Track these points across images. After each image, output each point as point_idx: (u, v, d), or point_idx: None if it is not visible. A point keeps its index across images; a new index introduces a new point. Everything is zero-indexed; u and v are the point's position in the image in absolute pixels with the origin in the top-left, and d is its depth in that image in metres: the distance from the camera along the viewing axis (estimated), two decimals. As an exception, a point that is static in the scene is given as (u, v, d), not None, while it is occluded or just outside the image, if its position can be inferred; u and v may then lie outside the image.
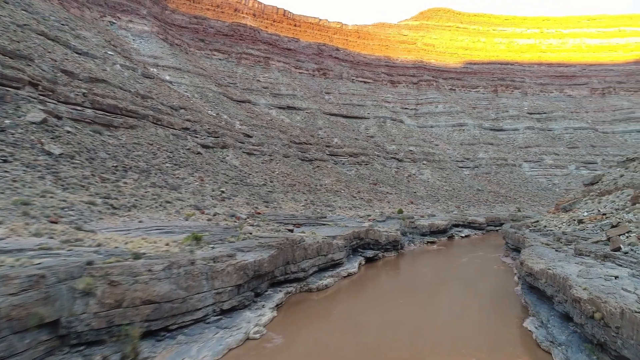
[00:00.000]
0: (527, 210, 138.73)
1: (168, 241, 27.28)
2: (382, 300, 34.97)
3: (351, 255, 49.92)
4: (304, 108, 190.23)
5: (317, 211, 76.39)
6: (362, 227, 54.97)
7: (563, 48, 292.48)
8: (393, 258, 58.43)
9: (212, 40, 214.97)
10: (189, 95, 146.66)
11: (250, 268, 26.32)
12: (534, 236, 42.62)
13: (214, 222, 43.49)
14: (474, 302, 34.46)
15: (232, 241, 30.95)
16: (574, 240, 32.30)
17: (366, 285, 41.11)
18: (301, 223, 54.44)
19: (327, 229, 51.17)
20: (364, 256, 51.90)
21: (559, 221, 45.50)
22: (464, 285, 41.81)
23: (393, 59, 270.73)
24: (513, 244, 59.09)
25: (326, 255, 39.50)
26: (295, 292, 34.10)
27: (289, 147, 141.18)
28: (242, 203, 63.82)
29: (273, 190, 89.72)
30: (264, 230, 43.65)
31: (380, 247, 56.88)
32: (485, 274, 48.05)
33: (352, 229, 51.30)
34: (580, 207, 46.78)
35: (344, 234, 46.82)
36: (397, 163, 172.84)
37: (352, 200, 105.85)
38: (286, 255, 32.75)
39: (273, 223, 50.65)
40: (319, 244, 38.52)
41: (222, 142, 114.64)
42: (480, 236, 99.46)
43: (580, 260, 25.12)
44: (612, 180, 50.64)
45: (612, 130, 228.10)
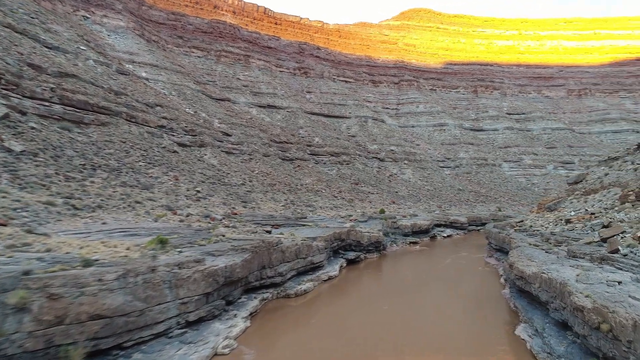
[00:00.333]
0: (507, 210, 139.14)
1: (130, 245, 24.67)
2: (364, 305, 32.98)
3: (332, 257, 47.83)
4: (284, 107, 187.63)
5: (298, 211, 74.12)
6: (344, 228, 52.96)
7: (541, 50, 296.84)
8: (375, 259, 56.58)
9: (190, 37, 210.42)
10: (166, 93, 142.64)
11: (221, 274, 23.91)
12: (520, 236, 41.27)
13: (186, 223, 40.84)
14: (461, 307, 32.75)
15: (203, 244, 28.48)
16: (564, 241, 30.91)
17: (348, 289, 39.08)
18: (280, 224, 52.12)
19: (307, 230, 48.96)
20: (346, 258, 49.86)
21: (545, 221, 44.34)
22: (449, 288, 40.16)
23: (374, 59, 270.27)
24: (497, 244, 57.91)
25: (305, 258, 37.30)
26: (272, 299, 31.77)
27: (269, 146, 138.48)
28: (218, 203, 61.10)
29: (252, 190, 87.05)
30: (240, 231, 41.21)
31: (362, 249, 54.97)
32: (470, 275, 46.56)
33: (333, 230, 49.22)
34: (566, 207, 45.75)
35: (325, 235, 44.69)
36: (379, 163, 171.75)
37: (334, 200, 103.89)
38: (262, 258, 30.43)
39: (250, 224, 48.19)
40: (298, 246, 36.28)
41: (200, 140, 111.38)
42: (462, 236, 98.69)
43: (575, 263, 23.52)
44: (597, 178, 49.88)
45: (589, 131, 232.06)
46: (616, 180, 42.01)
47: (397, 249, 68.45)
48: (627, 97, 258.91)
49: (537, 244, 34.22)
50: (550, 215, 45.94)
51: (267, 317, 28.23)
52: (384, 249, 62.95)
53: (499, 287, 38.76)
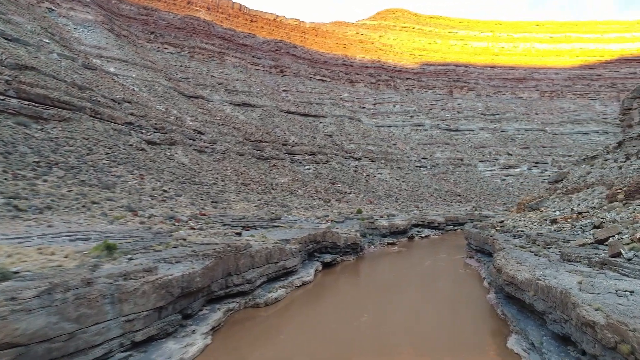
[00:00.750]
0: (483, 210, 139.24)
1: (70, 252, 21.22)
2: (340, 314, 30.25)
3: (307, 260, 44.95)
4: (260, 105, 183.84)
5: (272, 212, 70.98)
6: (319, 229, 50.16)
7: (514, 52, 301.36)
8: (353, 262, 54.00)
9: (163, 33, 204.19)
10: (136, 89, 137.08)
11: (176, 285, 20.73)
12: (503, 237, 39.38)
13: (147, 225, 37.31)
14: (445, 314, 30.40)
15: (159, 250, 25.21)
16: (554, 243, 28.96)
17: (323, 295, 36.28)
18: (251, 225, 48.95)
19: (280, 232, 45.96)
20: (321, 261, 47.05)
21: (528, 221, 42.68)
22: (431, 293, 37.87)
23: (351, 58, 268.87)
24: (477, 245, 56.18)
25: (277, 263, 34.31)
26: (239, 309, 28.65)
27: (243, 144, 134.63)
28: (186, 203, 57.46)
29: (224, 190, 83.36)
30: (207, 234, 37.93)
31: (339, 251, 52.30)
32: (452, 278, 44.46)
33: (308, 232, 46.36)
34: (549, 206, 44.24)
35: (299, 237, 41.79)
36: (356, 162, 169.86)
37: (310, 200, 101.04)
38: (227, 265, 27.31)
39: (219, 226, 44.88)
40: (269, 250, 33.26)
41: (171, 138, 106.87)
42: (440, 236, 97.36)
43: (571, 267, 21.35)
44: (579, 177, 48.65)
45: (561, 132, 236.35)
46: (600, 179, 40.68)
47: (375, 251, 66.12)
48: (596, 99, 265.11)
49: (523, 245, 32.22)
50: (532, 215, 44.33)
51: (232, 330, 25.15)
52: (362, 251, 60.48)
53: (483, 291, 36.65)
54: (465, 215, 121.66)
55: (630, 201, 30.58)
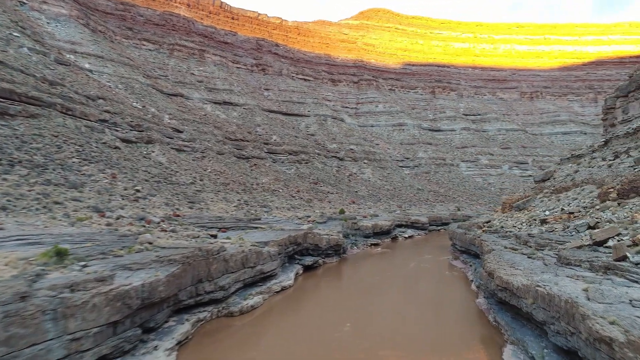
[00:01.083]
0: (466, 210, 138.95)
1: (14, 259, 18.54)
2: (322, 321, 28.12)
3: (287, 263, 42.67)
4: (241, 104, 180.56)
5: (251, 212, 68.45)
6: (300, 231, 47.93)
7: (495, 53, 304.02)
8: (335, 264, 51.92)
9: (141, 29, 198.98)
10: (112, 86, 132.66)
11: (135, 295, 18.27)
12: (492, 239, 37.82)
13: (113, 227, 34.55)
14: (433, 321, 28.54)
15: (120, 255, 22.66)
16: (547, 245, 27.40)
17: (304, 301, 34.06)
18: (228, 227, 46.42)
19: (258, 234, 43.58)
20: (302, 264, 44.81)
21: (516, 221, 41.29)
22: (417, 297, 36.01)
23: (334, 57, 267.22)
24: (462, 246, 54.75)
25: (254, 267, 31.94)
26: (211, 319, 26.22)
27: (223, 143, 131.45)
28: (160, 204, 54.57)
29: (202, 190, 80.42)
30: (178, 236, 35.34)
31: (321, 253, 50.14)
32: (438, 280, 42.76)
33: (289, 233, 44.09)
34: (537, 206, 42.97)
35: (278, 239, 39.48)
36: (338, 162, 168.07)
37: (291, 200, 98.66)
38: (198, 270, 24.88)
39: (193, 227, 42.27)
40: (245, 253, 30.87)
41: (147, 136, 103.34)
42: (424, 236, 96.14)
43: (572, 272, 19.62)
44: (566, 176, 47.62)
45: (540, 132, 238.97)
46: (589, 178, 39.54)
47: (357, 252, 64.21)
48: (574, 100, 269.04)
49: (514, 247, 30.60)
50: (520, 215, 43.00)
51: (201, 344, 22.75)
52: (344, 253, 58.48)
53: (471, 294, 34.97)
54: (448, 215, 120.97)
55: (624, 200, 29.28)
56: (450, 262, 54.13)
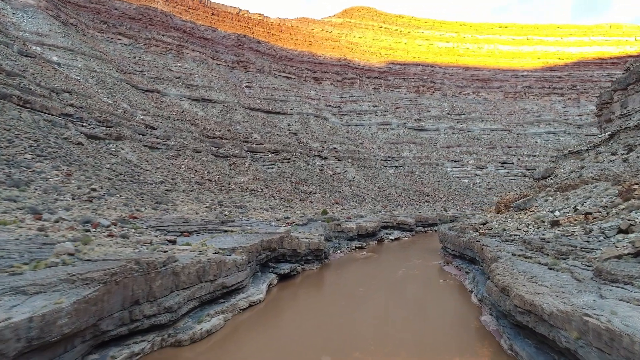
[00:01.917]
0: (452, 210, 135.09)
1: None
2: (297, 345, 22.65)
3: (259, 272, 37.00)
4: (221, 101, 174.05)
5: (225, 213, 62.53)
6: (276, 234, 42.29)
7: (478, 53, 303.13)
8: (315, 271, 46.43)
9: (116, 23, 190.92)
10: (81, 80, 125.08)
11: (13, 336, 12.50)
12: (494, 243, 32.88)
13: (45, 232, 28.43)
14: (431, 341, 23.30)
15: (19, 272, 16.81)
16: (570, 253, 22.48)
17: (276, 319, 28.45)
18: (193, 230, 40.55)
19: (227, 238, 37.83)
20: (277, 273, 39.16)
21: (519, 223, 36.50)
22: (409, 311, 30.75)
23: (317, 56, 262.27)
24: (455, 249, 49.88)
25: (214, 281, 26.23)
26: (152, 350, 20.44)
27: (200, 141, 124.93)
28: (118, 204, 48.36)
29: (173, 189, 74.11)
30: (127, 243, 29.45)
31: (300, 259, 44.62)
32: (432, 291, 37.63)
33: (262, 237, 38.43)
34: (540, 205, 38.35)
35: (248, 244, 33.80)
36: (322, 161, 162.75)
37: (270, 201, 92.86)
38: (132, 290, 19.15)
39: (150, 231, 36.31)
40: (202, 264, 25.15)
41: (117, 132, 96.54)
42: (411, 238, 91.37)
43: (626, 294, 14.54)
44: (570, 173, 43.18)
45: (525, 132, 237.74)
46: (601, 174, 35.09)
47: (341, 256, 58.87)
48: (558, 100, 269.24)
49: (525, 254, 25.62)
50: (523, 216, 38.28)
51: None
52: (326, 258, 53.05)
53: (473, 309, 29.87)
54: (435, 215, 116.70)
55: (656, 198, 24.71)
56: (442, 267, 49.17)
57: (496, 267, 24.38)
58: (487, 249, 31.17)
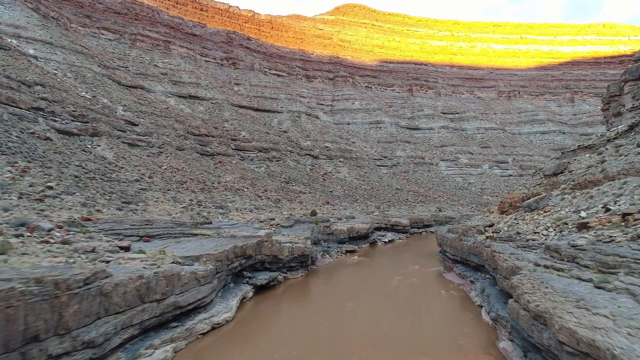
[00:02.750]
0: (447, 210, 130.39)
1: None
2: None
3: (231, 284, 31.46)
4: (208, 98, 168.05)
5: (203, 215, 56.94)
6: (254, 238, 36.79)
7: (472, 51, 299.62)
8: (300, 280, 41.00)
9: (100, 17, 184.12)
10: (58, 74, 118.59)
11: None
12: (508, 249, 27.75)
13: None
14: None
15: None
16: (620, 265, 17.24)
17: (244, 344, 22.97)
18: (155, 234, 34.92)
19: (194, 244, 32.28)
20: (253, 284, 33.63)
21: (535, 225, 31.36)
22: (410, 334, 25.40)
23: (308, 53, 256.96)
24: (456, 254, 44.69)
25: (163, 300, 20.72)
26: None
27: (185, 138, 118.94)
28: (75, 204, 42.60)
29: (149, 188, 68.30)
30: (64, 250, 23.92)
31: (282, 266, 39.18)
32: (434, 305, 32.33)
33: (235, 242, 32.93)
34: (557, 205, 33.36)
35: (217, 251, 28.29)
36: (312, 160, 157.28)
37: (256, 201, 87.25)
38: (24, 323, 13.69)
39: (102, 236, 30.69)
40: (146, 279, 19.65)
41: (93, 128, 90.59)
42: (405, 240, 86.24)
43: None
44: (588, 168, 38.29)
45: (519, 132, 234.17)
46: (629, 168, 30.18)
47: (330, 262, 53.48)
48: (552, 99, 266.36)
49: (555, 265, 20.45)
50: (538, 217, 33.23)
51: None
52: (313, 264, 47.63)
53: (486, 330, 24.65)
54: (430, 216, 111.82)
55: None
56: (442, 274, 43.95)
57: (520, 282, 19.16)
58: (500, 257, 25.96)
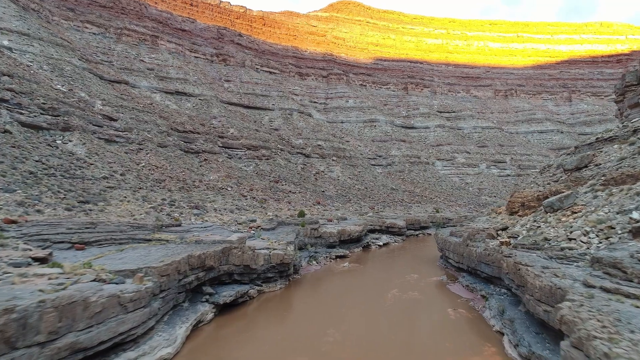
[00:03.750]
0: (445, 211, 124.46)
1: None
2: None
3: (185, 304, 24.90)
4: (196, 94, 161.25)
5: (174, 216, 50.38)
6: (218, 245, 30.27)
7: (468, 50, 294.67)
8: (279, 292, 34.52)
9: (84, 10, 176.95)
10: (33, 66, 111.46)
11: None
12: (538, 260, 21.40)
13: None
14: None
15: None
16: None
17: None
18: (95, 240, 28.18)
19: (139, 252, 25.72)
20: (215, 302, 27.02)
21: (566, 229, 25.05)
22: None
23: (301, 50, 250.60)
24: (462, 262, 38.44)
25: (52, 342, 14.04)
26: None
27: (167, 135, 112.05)
28: (8, 202, 35.87)
29: (117, 186, 61.56)
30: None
31: (256, 277, 32.69)
32: (442, 331, 25.92)
33: (190, 252, 26.38)
34: (589, 204, 27.28)
35: (161, 264, 21.76)
36: (304, 159, 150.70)
37: (240, 201, 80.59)
38: None
39: (21, 242, 24.10)
40: (19, 314, 13.08)
41: (64, 122, 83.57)
42: (401, 244, 79.83)
43: None
44: (620, 160, 32.22)
45: (516, 131, 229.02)
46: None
47: (317, 269, 46.98)
48: (549, 99, 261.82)
49: (627, 290, 14.15)
50: (567, 219, 27.00)
51: None
52: (296, 272, 41.14)
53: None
54: (427, 217, 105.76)
55: None
56: (446, 285, 37.61)
57: (578, 316, 12.89)
58: (530, 272, 19.70)
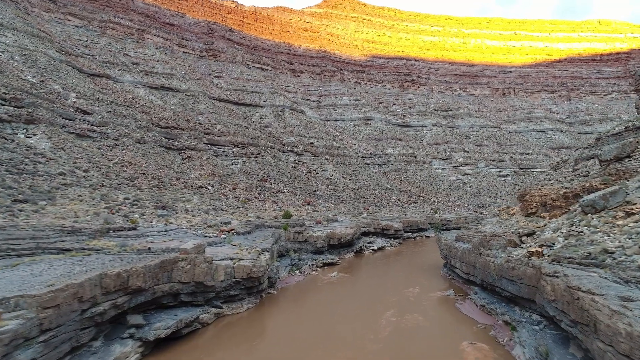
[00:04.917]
0: (443, 212, 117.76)
1: None
2: None
3: (97, 343, 17.53)
4: (183, 90, 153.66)
5: (132, 217, 43.07)
6: (157, 258, 23.01)
7: (465, 48, 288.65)
8: (245, 315, 27.27)
9: (67, 2, 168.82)
10: (4, 55, 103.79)
11: None
12: (609, 286, 14.27)
13: None
14: None
15: None
16: None
17: None
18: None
19: (38, 268, 18.42)
20: (143, 337, 19.78)
21: (633, 236, 18.15)
22: None
23: (295, 47, 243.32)
24: (474, 274, 31.38)
25: None
26: None
27: (147, 130, 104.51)
28: None
29: (74, 184, 54.16)
30: None
31: (214, 297, 25.44)
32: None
33: (107, 269, 19.09)
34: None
35: (45, 291, 14.61)
36: (296, 157, 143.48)
37: (219, 200, 73.20)
38: None
39: None
40: None
41: (29, 114, 76.12)
42: (397, 248, 72.59)
43: None
44: (678, 147, 25.58)
45: (515, 129, 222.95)
46: None
47: (299, 280, 39.71)
48: (547, 97, 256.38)
49: None
50: (626, 223, 20.15)
51: None
52: (272, 286, 33.90)
53: None
54: (425, 219, 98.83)
55: None
56: (456, 305, 30.46)
57: None
58: (599, 305, 12.69)
